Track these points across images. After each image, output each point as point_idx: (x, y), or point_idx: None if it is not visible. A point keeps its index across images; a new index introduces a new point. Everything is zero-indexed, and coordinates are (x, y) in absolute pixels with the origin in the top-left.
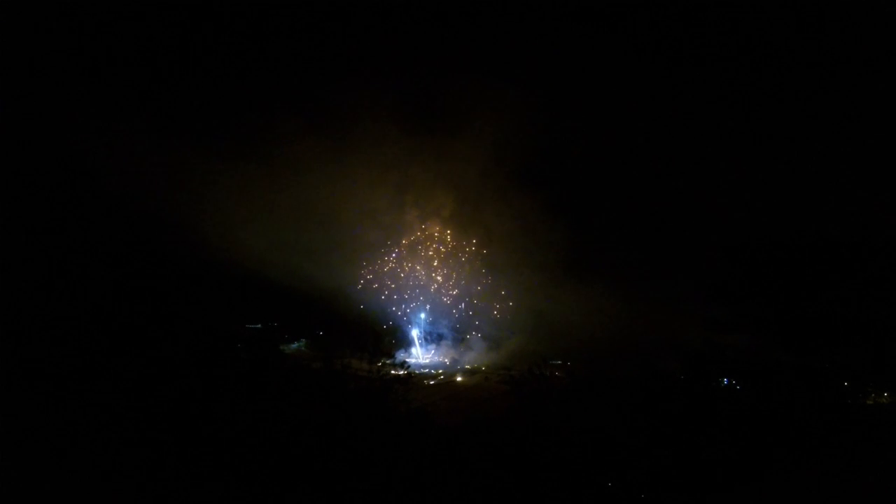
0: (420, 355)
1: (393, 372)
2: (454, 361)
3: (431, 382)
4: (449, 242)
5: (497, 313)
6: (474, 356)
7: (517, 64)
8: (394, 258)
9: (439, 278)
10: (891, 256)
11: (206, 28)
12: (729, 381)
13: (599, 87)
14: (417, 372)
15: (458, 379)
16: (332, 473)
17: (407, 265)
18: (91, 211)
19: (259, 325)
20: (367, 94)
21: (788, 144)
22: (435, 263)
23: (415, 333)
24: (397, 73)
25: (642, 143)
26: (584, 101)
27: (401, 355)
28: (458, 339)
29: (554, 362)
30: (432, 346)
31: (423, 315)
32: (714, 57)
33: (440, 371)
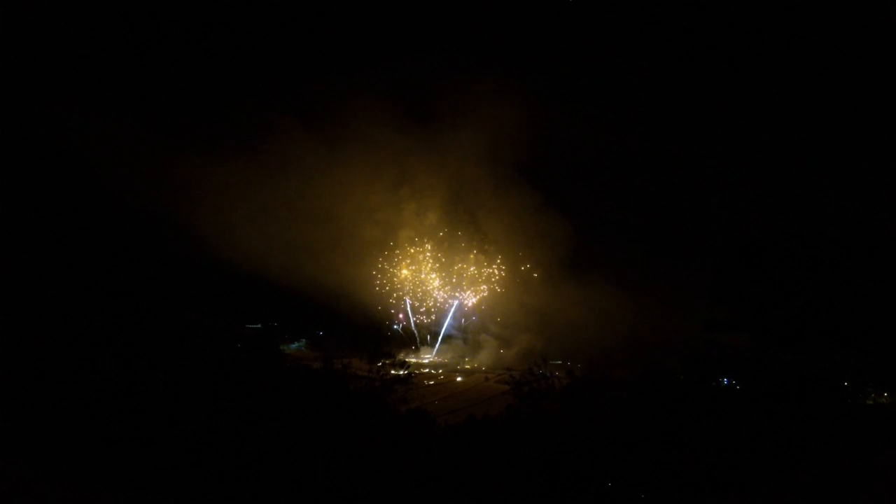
0: (420, 355)
1: (393, 372)
2: (457, 361)
3: (431, 382)
4: (450, 243)
5: (497, 312)
6: (483, 355)
7: (519, 60)
8: (395, 258)
9: (439, 279)
10: (891, 256)
11: (204, 27)
12: (729, 381)
13: (603, 85)
14: (417, 372)
15: (458, 379)
16: (332, 473)
17: (407, 264)
18: (90, 211)
19: (259, 325)
20: (368, 94)
21: (789, 145)
22: (437, 263)
23: (416, 333)
24: (396, 71)
25: (643, 143)
26: (587, 100)
27: (402, 356)
28: (464, 338)
29: (554, 362)
30: (435, 347)
31: (422, 315)
32: (716, 56)
33: (440, 371)
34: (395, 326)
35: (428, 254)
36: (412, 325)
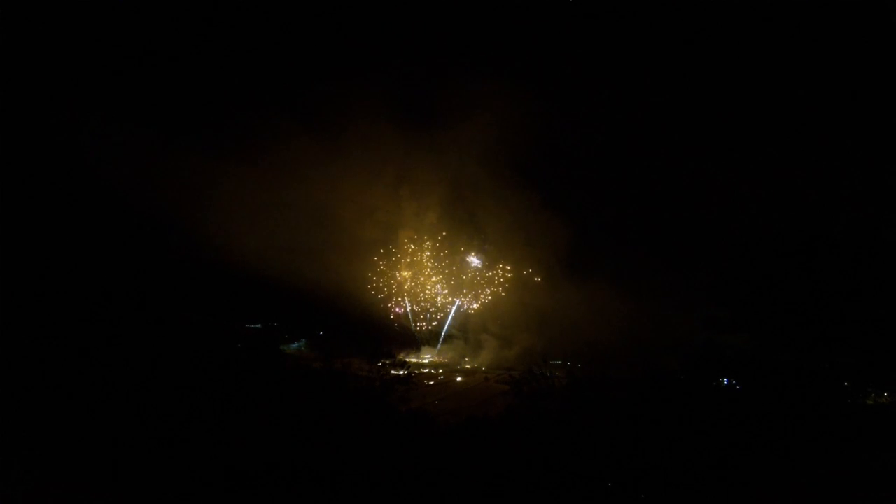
0: (420, 355)
1: (393, 372)
2: (457, 361)
3: (431, 382)
4: (451, 243)
5: (497, 312)
6: (484, 355)
7: (517, 59)
8: (395, 258)
9: (440, 279)
10: (891, 256)
11: (203, 27)
12: (729, 381)
13: (601, 83)
14: (417, 372)
15: (459, 379)
16: (333, 473)
17: (408, 264)
18: (91, 211)
19: (259, 325)
20: (367, 94)
21: (789, 144)
22: (438, 263)
23: (416, 333)
24: (395, 71)
25: (643, 141)
26: (585, 97)
27: (402, 356)
28: (465, 338)
29: (554, 362)
30: (436, 347)
31: (422, 315)
32: (715, 53)
33: (440, 371)
34: (395, 326)
35: (428, 253)
36: (412, 325)
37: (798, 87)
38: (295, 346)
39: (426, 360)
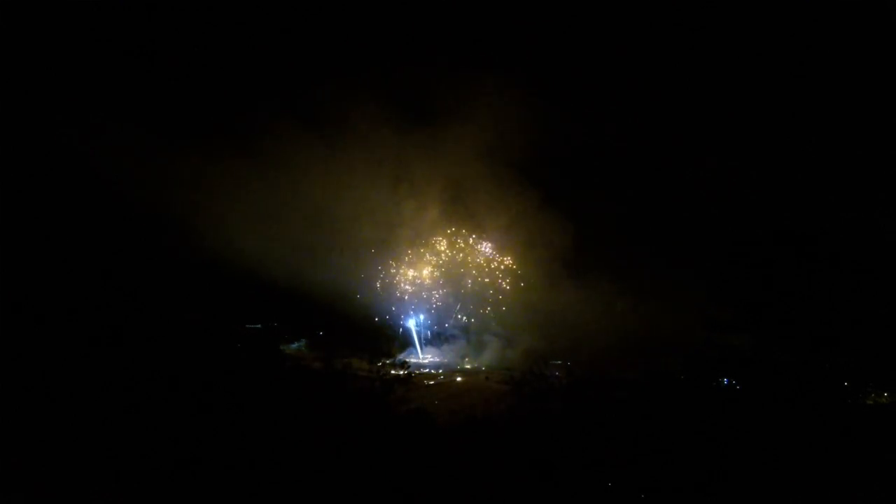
0: (420, 355)
1: (393, 372)
2: (458, 361)
3: (431, 382)
4: (450, 242)
5: (497, 312)
6: (485, 355)
7: (516, 56)
8: (394, 257)
9: (441, 279)
10: (890, 256)
11: (201, 26)
12: (729, 381)
13: (602, 80)
14: (417, 372)
15: (458, 379)
16: (333, 473)
17: (408, 264)
18: (90, 211)
19: (259, 325)
20: (365, 92)
21: (789, 144)
22: (439, 262)
23: (415, 333)
24: (393, 68)
25: (644, 140)
26: (586, 95)
27: (402, 356)
28: (466, 338)
29: (554, 362)
30: (436, 347)
31: (422, 315)
32: (716, 54)
33: (440, 371)
34: (392, 325)
35: (428, 254)
36: (413, 325)
37: (798, 87)
38: (295, 346)
39: (426, 360)
